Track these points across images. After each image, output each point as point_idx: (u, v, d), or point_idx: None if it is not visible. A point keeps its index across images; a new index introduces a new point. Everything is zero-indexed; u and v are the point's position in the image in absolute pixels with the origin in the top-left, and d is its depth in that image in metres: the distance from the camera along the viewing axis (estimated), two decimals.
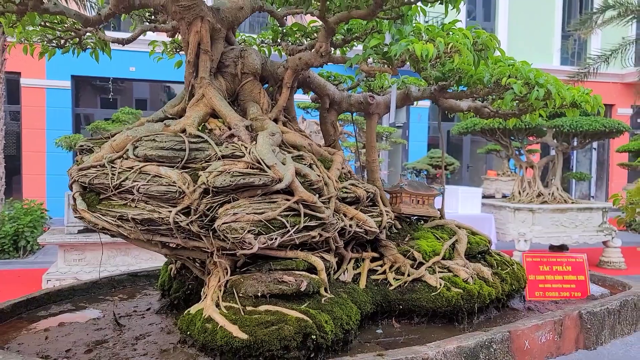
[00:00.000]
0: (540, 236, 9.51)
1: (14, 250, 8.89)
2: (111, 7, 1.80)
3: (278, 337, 1.51)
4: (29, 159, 14.45)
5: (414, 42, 1.62)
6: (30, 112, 14.29)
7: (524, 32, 19.59)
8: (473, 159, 19.59)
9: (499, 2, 19.46)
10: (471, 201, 9.90)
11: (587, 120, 9.68)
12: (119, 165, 1.69)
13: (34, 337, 1.81)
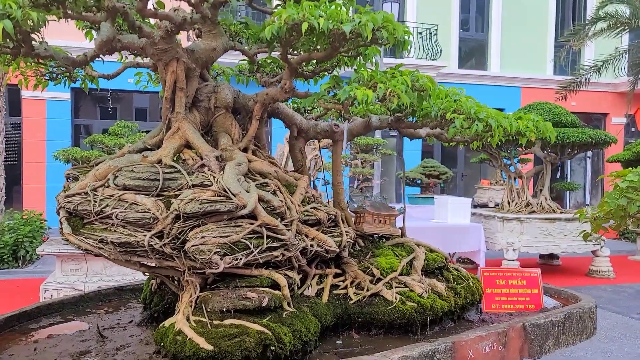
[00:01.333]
0: (528, 245, 9.67)
1: (13, 260, 9.06)
2: (96, 50, 2.00)
3: (240, 348, 1.70)
4: (29, 169, 14.66)
5: (357, 89, 1.82)
6: (30, 124, 14.51)
7: (517, 43, 19.79)
8: (467, 168, 19.76)
9: (492, 13, 19.69)
10: (460, 211, 10.05)
11: (574, 132, 9.88)
12: (100, 193, 1.89)
13: (24, 348, 2.00)
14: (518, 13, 19.64)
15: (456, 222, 9.60)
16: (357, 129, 2.46)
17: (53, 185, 14.43)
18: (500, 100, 19.29)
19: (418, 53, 17.64)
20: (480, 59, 19.97)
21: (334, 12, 1.76)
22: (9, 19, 1.52)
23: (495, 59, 19.56)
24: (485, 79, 19.42)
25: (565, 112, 10.69)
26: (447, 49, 18.70)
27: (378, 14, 1.84)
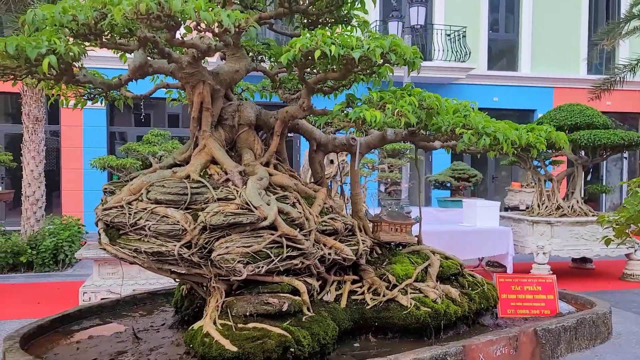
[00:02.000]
0: (559, 249, 9.53)
1: (53, 263, 9.43)
2: (129, 74, 2.18)
3: (262, 349, 1.85)
4: (67, 175, 15.19)
5: (367, 110, 1.95)
6: (68, 131, 15.04)
7: (548, 42, 19.48)
8: (498, 170, 19.56)
9: (522, 13, 19.43)
10: (489, 215, 9.99)
11: (605, 134, 9.73)
12: (135, 207, 2.06)
13: (67, 348, 2.19)
14: (549, 12, 19.33)
15: (485, 225, 9.56)
16: (374, 141, 2.58)
17: (90, 191, 14.92)
18: (531, 101, 19.07)
19: (447, 55, 17.58)
20: (510, 59, 19.77)
21: (344, 39, 1.90)
22: (54, 54, 1.71)
23: (526, 59, 19.34)
24: (516, 80, 19.22)
25: (596, 114, 10.54)
26: (476, 51, 18.59)
27: (387, 39, 1.97)
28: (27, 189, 10.51)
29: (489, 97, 19.02)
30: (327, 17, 2.40)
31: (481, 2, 18.77)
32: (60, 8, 1.76)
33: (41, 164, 10.81)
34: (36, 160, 10.69)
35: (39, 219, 10.40)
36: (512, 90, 19.06)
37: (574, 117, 10.50)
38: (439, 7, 18.52)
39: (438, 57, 17.70)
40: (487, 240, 9.30)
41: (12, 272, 9.34)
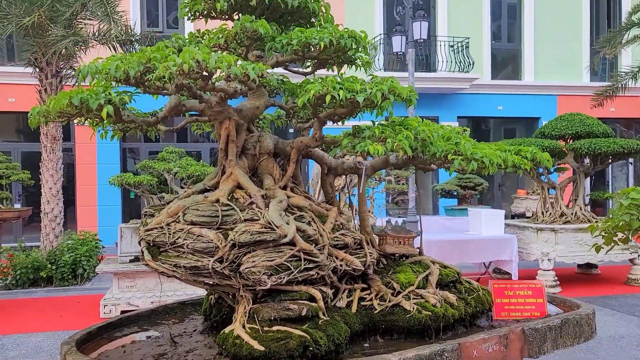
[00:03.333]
0: (564, 255, 9.74)
1: (72, 278, 9.75)
2: (165, 113, 2.53)
3: (285, 348, 2.17)
4: (82, 191, 15.59)
5: (370, 144, 2.28)
6: (82, 148, 15.46)
7: (551, 51, 19.73)
8: (505, 178, 19.78)
9: (524, 23, 19.72)
10: (494, 223, 10.23)
11: (605, 142, 10.01)
12: (173, 228, 2.40)
13: (115, 351, 2.52)
14: (551, 21, 19.61)
15: (490, 233, 9.82)
16: (378, 164, 2.91)
17: (104, 207, 15.32)
18: (535, 109, 19.32)
19: (450, 66, 17.92)
20: (514, 68, 20.07)
21: (350, 85, 2.23)
22: (110, 104, 2.05)
23: (529, 68, 19.63)
24: (520, 89, 19.50)
25: (596, 123, 10.81)
26: (480, 61, 18.90)
27: (386, 82, 2.30)
28: (46, 205, 10.89)
29: (493, 106, 19.32)
30: (335, 60, 2.74)
31: (483, 13, 19.11)
32: (114, 64, 2.11)
33: (59, 181, 11.19)
34: (54, 178, 11.07)
35: (58, 235, 10.75)
36: (516, 98, 19.34)
37: (575, 127, 10.79)
38: (442, 19, 18.87)
39: (442, 68, 18.04)
40: (492, 247, 9.56)
41: (33, 287, 9.64)
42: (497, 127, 20.17)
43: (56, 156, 11.08)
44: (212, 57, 2.07)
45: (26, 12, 10.16)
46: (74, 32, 9.93)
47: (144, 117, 2.58)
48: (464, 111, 19.13)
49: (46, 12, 10.10)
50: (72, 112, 2.20)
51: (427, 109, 18.61)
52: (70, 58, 10.71)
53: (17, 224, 14.85)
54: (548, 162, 2.92)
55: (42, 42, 10.20)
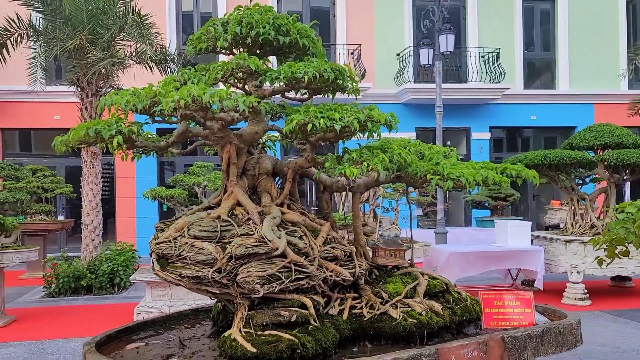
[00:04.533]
0: (593, 268, 9.61)
1: (110, 286, 10.21)
2: (174, 139, 2.84)
3: (275, 350, 2.42)
4: (121, 204, 16.24)
5: (347, 167, 2.52)
6: (122, 163, 16.09)
7: (586, 59, 19.45)
8: (539, 189, 19.54)
9: (558, 31, 19.51)
10: (520, 234, 10.22)
11: (634, 153, 9.93)
12: (179, 241, 2.69)
13: (129, 352, 2.82)
14: (586, 28, 19.34)
15: (516, 245, 9.82)
16: (370, 183, 3.14)
17: (142, 218, 15.91)
18: (571, 118, 19.06)
19: (481, 77, 17.92)
20: (547, 78, 19.88)
21: (331, 113, 2.48)
22: (120, 134, 2.37)
23: (564, 77, 19.41)
24: (554, 98, 19.28)
25: (626, 133, 10.73)
26: (512, 70, 18.82)
27: (363, 111, 2.55)
28: (86, 218, 11.45)
29: (526, 116, 19.16)
30: (326, 88, 3.00)
31: (515, 23, 19.04)
32: (125, 99, 2.43)
33: (98, 194, 11.73)
34: (94, 192, 11.62)
35: (97, 246, 11.28)
36: (551, 108, 19.14)
37: (603, 137, 10.73)
38: (472, 30, 18.90)
39: (472, 78, 18.05)
40: (518, 259, 9.56)
41: (74, 295, 10.12)
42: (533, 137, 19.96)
43: (95, 170, 11.64)
44: (208, 92, 2.35)
45: (69, 36, 10.81)
46: (111, 53, 10.50)
47: (155, 143, 2.90)
48: (496, 121, 19.05)
49: (87, 36, 10.72)
50: (90, 141, 2.52)
51: (458, 120, 18.64)
52: (108, 77, 11.30)
53: (61, 235, 15.58)
54: (535, 178, 3.08)
55: (83, 63, 10.82)
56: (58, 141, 2.70)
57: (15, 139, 16.80)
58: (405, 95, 17.49)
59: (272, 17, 2.86)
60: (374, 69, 17.99)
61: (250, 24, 2.82)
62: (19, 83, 14.32)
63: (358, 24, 17.97)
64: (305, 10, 18.33)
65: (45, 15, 11.38)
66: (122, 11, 11.26)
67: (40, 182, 12.75)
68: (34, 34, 11.42)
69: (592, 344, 7.05)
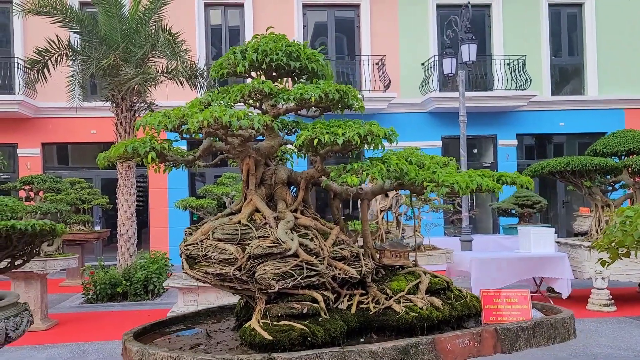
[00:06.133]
0: (618, 274, 9.63)
1: (144, 293, 10.68)
2: (200, 153, 3.22)
3: (288, 338, 2.76)
4: (155, 214, 16.82)
5: (349, 177, 2.85)
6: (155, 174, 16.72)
7: (616, 64, 19.30)
8: (569, 195, 19.39)
9: (586, 36, 19.41)
10: (544, 241, 10.29)
11: None
12: (205, 243, 3.06)
13: (163, 341, 3.20)
14: (615, 32, 19.20)
15: (539, 252, 9.91)
16: (376, 190, 3.46)
17: (174, 228, 16.45)
18: (601, 124, 18.92)
19: (507, 84, 18.00)
20: (576, 84, 19.79)
21: (335, 129, 2.82)
22: (154, 150, 2.75)
23: (593, 82, 19.29)
24: (583, 104, 19.18)
25: None
26: (539, 77, 18.82)
27: (364, 127, 2.88)
28: (121, 227, 12.00)
29: (554, 123, 19.10)
30: (334, 107, 3.35)
31: (542, 29, 19.06)
32: (157, 120, 2.83)
33: (133, 205, 12.28)
34: (129, 202, 12.18)
35: (132, 254, 11.80)
36: (580, 114, 19.04)
37: (627, 143, 10.79)
38: (497, 37, 19.00)
39: (498, 86, 18.14)
40: (541, 266, 9.62)
41: (110, 302, 10.63)
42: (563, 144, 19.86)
43: (130, 182, 12.20)
44: (227, 113, 2.72)
45: (104, 55, 11.44)
46: (143, 70, 11.06)
47: (184, 157, 3.28)
48: (523, 129, 19.06)
49: (120, 54, 11.33)
50: (128, 156, 2.92)
51: (485, 128, 18.72)
52: (141, 93, 11.89)
53: (98, 244, 16.24)
54: (529, 183, 3.34)
55: (117, 80, 11.42)
56: (101, 157, 3.11)
57: (54, 153, 17.59)
58: (431, 104, 17.70)
59: (284, 45, 3.22)
60: (399, 79, 18.25)
61: (265, 52, 3.20)
62: (58, 100, 15.11)
63: (383, 34, 18.28)
64: (330, 21, 18.75)
65: (82, 36, 12.06)
66: (153, 30, 11.84)
67: (78, 194, 13.38)
68: (73, 54, 12.10)
69: (613, 348, 7.16)
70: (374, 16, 18.40)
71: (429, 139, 18.08)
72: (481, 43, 19.34)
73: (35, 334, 8.53)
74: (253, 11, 18.06)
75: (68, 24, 11.92)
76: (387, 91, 17.41)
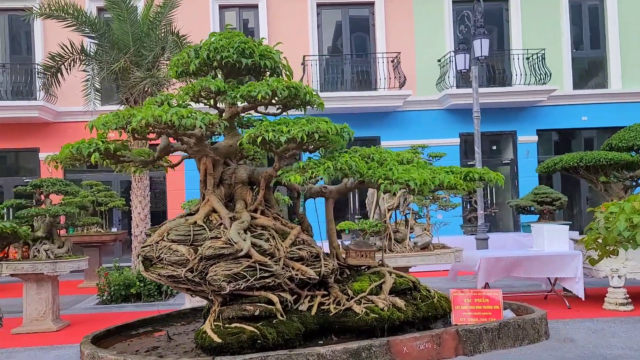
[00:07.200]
0: (635, 272, 9.35)
1: (158, 294, 10.78)
2: (158, 153, 3.20)
3: (237, 341, 2.70)
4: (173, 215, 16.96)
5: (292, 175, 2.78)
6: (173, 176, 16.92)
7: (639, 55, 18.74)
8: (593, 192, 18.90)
9: (608, 28, 18.92)
10: (558, 238, 10.03)
11: None
12: (160, 245, 3.02)
13: (122, 344, 3.18)
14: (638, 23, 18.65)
15: (553, 249, 9.65)
16: (341, 189, 3.38)
17: None
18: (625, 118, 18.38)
19: (526, 79, 17.63)
20: (598, 77, 19.30)
21: (281, 127, 2.76)
22: (98, 151, 2.74)
23: (616, 75, 18.79)
24: (606, 97, 18.69)
25: None
26: (560, 71, 18.40)
27: (313, 123, 2.80)
28: (135, 229, 12.15)
29: (577, 117, 18.65)
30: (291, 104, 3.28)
31: (562, 22, 18.63)
32: (104, 120, 2.81)
33: (147, 206, 12.42)
34: (142, 204, 12.32)
35: None
36: (603, 108, 18.56)
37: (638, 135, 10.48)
38: (515, 31, 18.64)
39: (517, 81, 17.80)
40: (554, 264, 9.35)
41: (124, 302, 10.77)
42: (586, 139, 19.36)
43: (143, 184, 12.33)
44: (170, 112, 2.69)
45: (115, 59, 11.60)
46: (152, 73, 11.17)
47: (142, 158, 3.26)
48: (543, 124, 18.65)
49: (131, 58, 11.47)
50: (76, 158, 2.92)
51: (504, 124, 18.38)
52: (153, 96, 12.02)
53: (117, 246, 16.49)
54: (500, 180, 3.22)
55: (128, 83, 11.57)
56: (49, 159, 3.11)
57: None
58: (447, 101, 17.45)
59: (239, 42, 3.17)
60: (415, 76, 18.06)
61: (217, 49, 3.15)
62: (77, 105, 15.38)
63: (398, 32, 18.12)
64: (345, 20, 18.67)
65: (94, 40, 12.25)
66: (163, 33, 11.96)
67: (95, 197, 13.59)
68: (86, 58, 12.29)
69: (624, 349, 6.95)
70: (389, 13, 18.24)
71: (446, 137, 17.85)
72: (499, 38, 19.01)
73: (46, 335, 8.69)
74: (267, 11, 18.11)
75: (80, 28, 12.12)
76: (403, 89, 17.25)
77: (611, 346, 6.93)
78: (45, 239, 9.09)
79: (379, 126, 17.82)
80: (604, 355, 6.56)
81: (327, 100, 16.78)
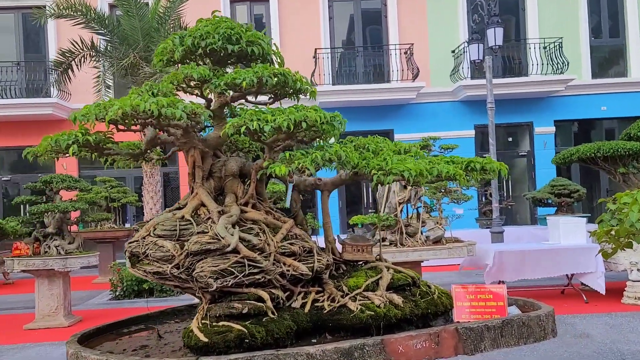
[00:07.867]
0: None
1: (170, 289, 10.78)
2: (145, 145, 3.08)
3: (224, 340, 2.58)
4: None
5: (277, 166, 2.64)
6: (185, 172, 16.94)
7: None
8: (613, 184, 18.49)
9: (627, 16, 18.46)
10: (575, 232, 9.77)
11: None
12: (146, 240, 2.91)
13: (111, 343, 3.09)
14: None
15: (569, 243, 9.38)
16: (336, 181, 3.24)
17: None
18: None
19: (543, 69, 17.27)
20: (618, 65, 18.84)
21: (265, 116, 2.63)
22: (76, 143, 2.63)
23: (636, 63, 18.32)
24: (625, 86, 18.24)
25: None
26: (577, 60, 18.00)
27: (300, 111, 2.66)
28: None
29: (596, 107, 18.23)
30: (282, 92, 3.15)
31: (580, 10, 18.21)
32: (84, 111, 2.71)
33: (158, 202, 12.41)
34: (154, 200, 12.31)
35: None
36: (623, 97, 18.12)
37: None
38: (532, 20, 18.26)
39: (534, 71, 17.44)
40: (571, 258, 9.08)
41: (137, 298, 10.77)
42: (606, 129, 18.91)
43: (155, 180, 12.32)
44: (150, 101, 2.57)
45: (125, 55, 11.57)
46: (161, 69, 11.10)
47: (128, 150, 3.16)
48: (561, 114, 18.26)
49: (140, 53, 11.42)
50: (57, 150, 2.82)
51: (520, 115, 18.04)
52: None
53: None
54: (504, 170, 3.06)
55: (138, 79, 11.54)
56: (27, 152, 3.02)
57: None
58: (461, 93, 17.17)
59: (225, 28, 3.04)
60: (429, 68, 17.79)
61: (202, 36, 3.03)
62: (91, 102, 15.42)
63: (410, 23, 17.85)
64: (357, 12, 18.45)
65: (104, 36, 12.24)
66: (172, 28, 11.90)
67: (108, 193, 13.62)
68: (96, 55, 12.29)
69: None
70: (401, 4, 17.97)
71: (461, 129, 17.57)
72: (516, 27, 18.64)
73: (57, 330, 8.70)
74: (278, 4, 17.96)
75: (90, 25, 12.11)
76: (416, 80, 17.01)
77: (629, 342, 6.71)
78: (55, 235, 9.11)
79: (392, 119, 17.60)
80: (622, 351, 6.35)
81: (339, 93, 16.61)
